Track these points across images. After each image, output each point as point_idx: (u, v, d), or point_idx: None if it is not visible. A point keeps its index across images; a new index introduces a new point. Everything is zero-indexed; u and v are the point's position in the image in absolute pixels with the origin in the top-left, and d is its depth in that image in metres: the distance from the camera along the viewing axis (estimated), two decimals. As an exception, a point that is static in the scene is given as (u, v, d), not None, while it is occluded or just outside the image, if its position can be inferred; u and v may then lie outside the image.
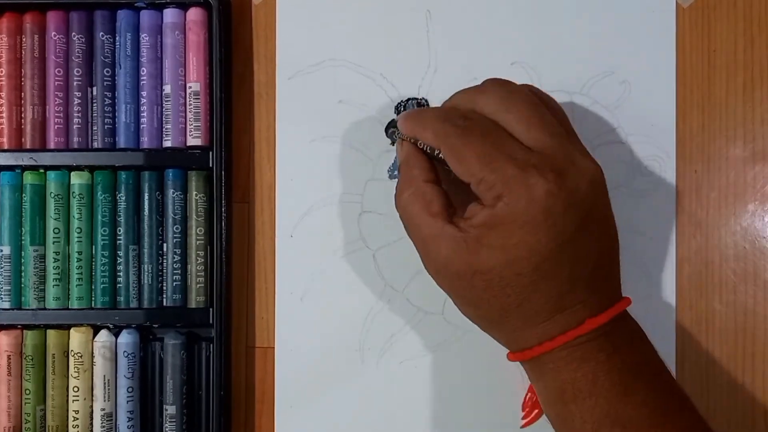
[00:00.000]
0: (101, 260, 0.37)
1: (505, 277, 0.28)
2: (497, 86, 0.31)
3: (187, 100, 0.37)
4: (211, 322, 0.37)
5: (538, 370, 0.30)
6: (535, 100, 0.30)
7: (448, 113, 0.30)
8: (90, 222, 0.37)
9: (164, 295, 0.37)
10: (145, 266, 0.37)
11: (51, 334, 0.37)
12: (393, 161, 0.38)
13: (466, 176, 0.28)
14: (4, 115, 0.37)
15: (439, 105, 0.38)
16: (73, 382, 0.37)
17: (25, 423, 0.37)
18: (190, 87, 0.37)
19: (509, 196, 0.27)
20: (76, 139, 0.37)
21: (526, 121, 0.29)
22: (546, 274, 0.28)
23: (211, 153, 0.37)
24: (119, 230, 0.37)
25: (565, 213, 0.27)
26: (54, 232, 0.37)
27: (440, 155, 0.30)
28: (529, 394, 0.36)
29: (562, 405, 0.29)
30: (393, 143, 0.37)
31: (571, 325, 0.28)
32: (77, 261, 0.37)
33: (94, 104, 0.38)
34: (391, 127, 0.35)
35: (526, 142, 0.29)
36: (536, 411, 0.35)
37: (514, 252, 0.27)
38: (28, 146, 0.37)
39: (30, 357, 0.37)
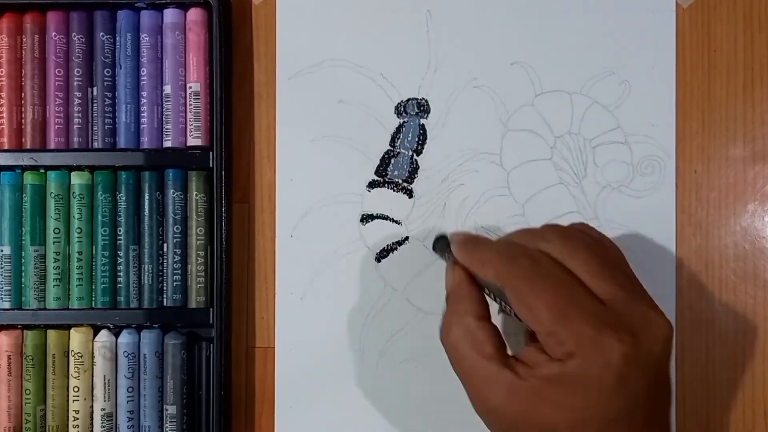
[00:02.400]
0: (101, 260, 0.37)
1: None
2: (557, 232, 0.30)
3: (187, 100, 0.37)
4: (211, 322, 0.37)
5: None
6: (598, 247, 0.29)
7: (514, 251, 0.28)
8: (90, 222, 0.37)
9: (164, 295, 0.37)
10: (146, 266, 0.37)
11: (51, 334, 0.37)
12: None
13: (534, 325, 0.27)
14: (4, 115, 0.37)
15: (438, 105, 0.38)
16: (73, 382, 0.37)
17: (26, 423, 0.37)
18: (190, 87, 0.37)
19: (582, 357, 0.26)
20: (76, 139, 0.37)
21: (594, 269, 0.27)
22: None
23: (211, 153, 0.37)
24: (119, 230, 0.37)
25: (639, 377, 0.26)
26: (54, 232, 0.37)
27: (493, 294, 0.28)
28: None
29: None
30: (441, 257, 0.34)
31: None
32: (77, 261, 0.37)
33: (95, 104, 0.38)
34: (441, 245, 0.33)
35: (596, 292, 0.27)
36: None
37: (581, 413, 0.26)
38: (28, 146, 0.37)
39: (30, 357, 0.37)
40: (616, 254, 0.30)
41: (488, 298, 0.30)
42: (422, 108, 0.38)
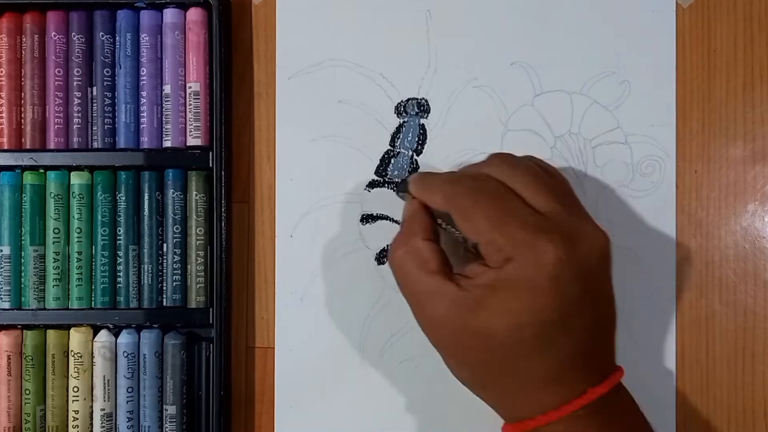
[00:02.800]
0: (101, 260, 0.37)
1: (506, 341, 0.27)
2: (502, 157, 0.31)
3: (187, 100, 0.37)
4: (211, 322, 0.37)
5: None
6: (539, 169, 0.30)
7: (458, 176, 0.31)
8: (90, 222, 0.37)
9: (164, 295, 0.37)
10: (145, 266, 0.37)
11: (51, 334, 0.37)
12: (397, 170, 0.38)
13: (474, 236, 0.28)
14: (4, 115, 0.37)
15: (438, 105, 0.38)
16: (73, 382, 0.37)
17: (25, 423, 0.37)
18: (190, 87, 0.37)
19: (518, 260, 0.27)
20: (76, 139, 0.37)
21: (534, 187, 0.29)
22: (548, 342, 0.27)
23: (211, 153, 0.37)
24: (119, 230, 0.37)
25: (572, 282, 0.27)
26: (54, 232, 0.37)
27: (444, 223, 0.29)
28: None
29: None
30: (402, 197, 0.35)
31: (572, 395, 0.28)
32: (77, 261, 0.37)
33: (94, 104, 0.38)
34: (402, 186, 0.34)
35: (536, 207, 0.28)
36: None
37: (517, 317, 0.27)
38: (28, 146, 0.37)
39: (30, 357, 0.37)
40: (559, 178, 0.31)
41: (439, 229, 0.31)
42: (422, 108, 0.38)
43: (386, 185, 0.38)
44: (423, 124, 0.38)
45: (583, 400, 0.28)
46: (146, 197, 0.37)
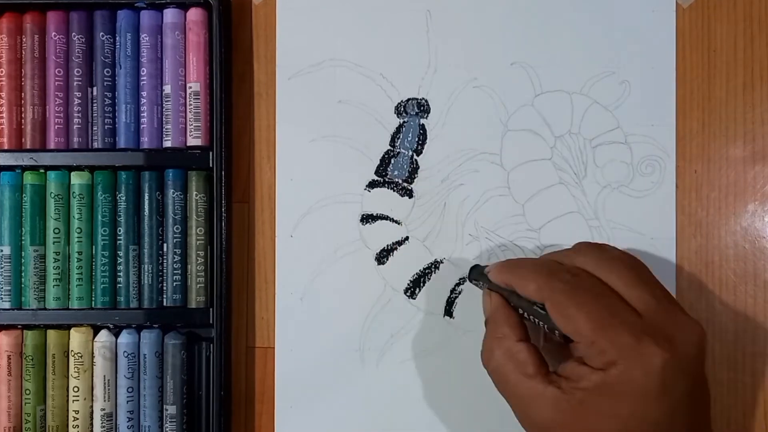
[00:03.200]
0: (101, 260, 0.37)
1: None
2: (592, 247, 0.31)
3: (187, 100, 0.37)
4: (211, 322, 0.37)
5: None
6: (630, 260, 0.30)
7: (553, 267, 0.30)
8: (90, 222, 0.37)
9: (164, 295, 0.37)
10: (145, 266, 0.37)
11: (51, 334, 0.37)
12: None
13: (575, 336, 0.28)
14: (4, 115, 0.37)
15: (438, 105, 0.38)
16: (73, 382, 0.37)
17: (26, 423, 0.37)
18: (190, 87, 0.37)
19: (624, 365, 0.26)
20: (76, 139, 0.37)
21: (627, 281, 0.28)
22: None
23: (211, 153, 0.37)
24: (119, 230, 0.37)
25: (678, 380, 0.27)
26: (54, 232, 0.37)
27: (530, 315, 0.29)
28: None
29: None
30: (477, 285, 0.35)
31: None
32: (77, 261, 0.37)
33: (94, 104, 0.38)
34: (475, 273, 0.34)
35: (631, 303, 0.28)
36: None
37: (625, 422, 0.27)
38: (28, 146, 0.37)
39: (30, 357, 0.37)
40: (644, 267, 0.31)
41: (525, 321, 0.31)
42: (422, 108, 0.38)
43: (386, 185, 0.38)
44: (423, 124, 0.38)
45: None
46: (146, 197, 0.37)
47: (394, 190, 0.38)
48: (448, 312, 0.38)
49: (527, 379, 0.28)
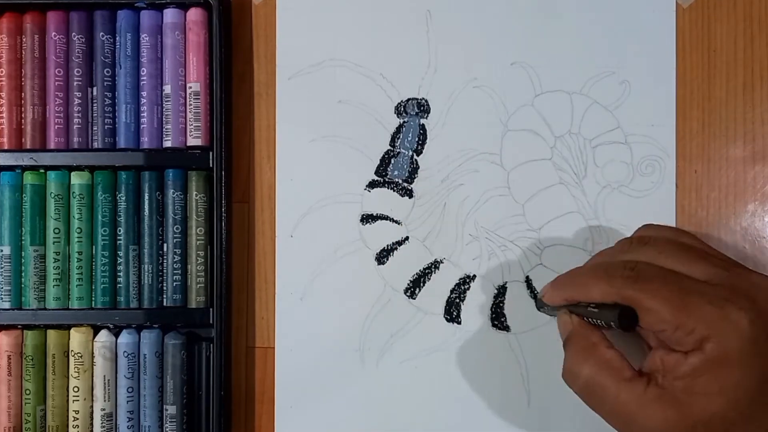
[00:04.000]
0: (101, 260, 0.37)
1: (728, 418, 0.26)
2: (632, 240, 0.30)
3: (187, 100, 0.37)
4: (211, 322, 0.37)
5: None
6: (678, 236, 0.29)
7: (607, 267, 0.29)
8: (90, 222, 0.37)
9: (164, 295, 0.37)
10: (145, 266, 0.37)
11: (51, 334, 0.37)
12: None
13: (657, 325, 0.27)
14: (4, 115, 0.37)
15: (438, 105, 0.38)
16: (73, 383, 0.37)
17: (26, 423, 0.37)
18: (190, 87, 0.37)
19: (715, 336, 0.26)
20: (76, 139, 0.37)
21: (686, 260, 0.28)
22: (764, 404, 0.26)
23: (211, 153, 0.37)
24: (119, 230, 0.37)
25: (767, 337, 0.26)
26: (54, 232, 0.37)
27: (586, 314, 0.29)
28: None
29: None
30: (545, 312, 0.35)
31: None
32: (77, 261, 0.37)
33: (94, 104, 0.38)
34: (539, 303, 0.34)
35: (700, 278, 0.28)
36: None
37: (735, 392, 0.26)
38: (28, 146, 0.37)
39: (30, 357, 0.37)
40: (694, 238, 0.30)
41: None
42: (422, 108, 0.38)
43: (386, 185, 0.38)
44: (423, 124, 0.38)
45: None
46: (146, 197, 0.37)
47: (394, 190, 0.38)
48: (448, 312, 0.38)
49: (627, 384, 0.27)
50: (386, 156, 0.38)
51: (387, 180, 0.38)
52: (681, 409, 0.26)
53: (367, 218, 0.38)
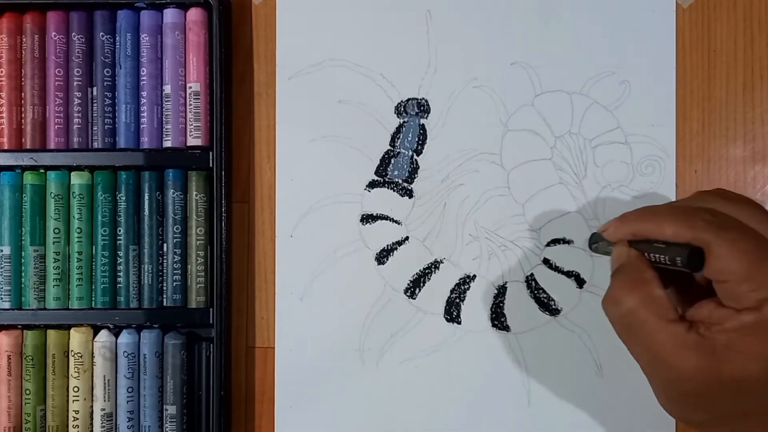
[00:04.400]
0: (101, 260, 0.37)
1: (761, 382, 0.26)
2: (713, 192, 0.30)
3: (187, 100, 0.37)
4: (211, 322, 0.37)
5: None
6: (752, 202, 0.29)
7: (688, 210, 0.28)
8: (90, 222, 0.37)
9: (164, 295, 0.37)
10: (145, 266, 0.37)
11: (51, 334, 0.37)
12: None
13: (723, 274, 0.26)
14: (4, 115, 0.37)
15: (438, 105, 0.38)
16: (73, 382, 0.37)
17: (26, 423, 0.37)
18: (190, 87, 0.37)
19: None
20: (76, 139, 0.37)
21: (762, 220, 0.27)
22: None
23: (211, 153, 0.37)
24: (119, 230, 0.37)
25: None
26: (54, 232, 0.37)
27: (651, 249, 0.28)
28: None
29: None
30: (598, 250, 0.33)
31: None
32: (77, 261, 0.37)
33: (94, 104, 0.38)
34: (595, 238, 0.32)
35: None
36: None
37: None
38: (28, 146, 0.37)
39: (30, 357, 0.37)
40: (759, 205, 0.30)
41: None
42: (422, 108, 0.38)
43: (386, 185, 0.38)
44: (423, 124, 0.38)
45: None
46: (146, 197, 0.37)
47: (394, 190, 0.38)
48: (448, 312, 0.38)
49: (669, 324, 0.27)
50: (386, 156, 0.38)
51: (387, 180, 0.38)
52: (716, 362, 0.26)
53: (367, 218, 0.38)
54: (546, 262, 0.38)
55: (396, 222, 0.38)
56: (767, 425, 0.27)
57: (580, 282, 0.37)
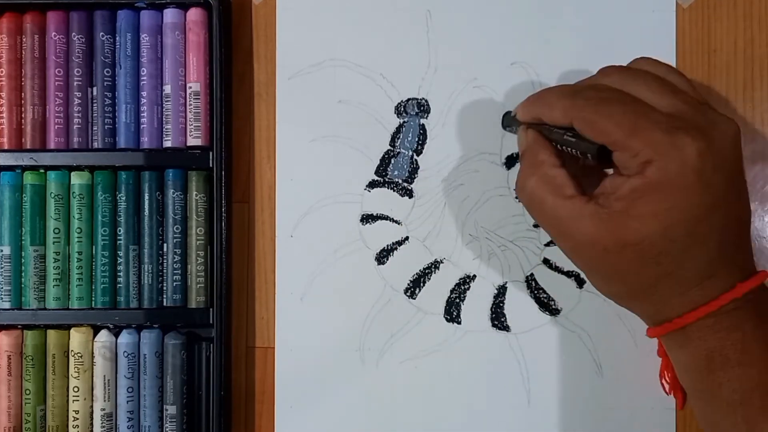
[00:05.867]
0: (101, 260, 0.37)
1: (658, 244, 0.27)
2: (615, 67, 0.31)
3: (187, 100, 0.37)
4: (211, 322, 0.37)
5: (681, 340, 0.29)
6: (656, 74, 0.29)
7: (575, 88, 0.30)
8: (90, 222, 0.37)
9: (164, 295, 0.37)
10: (145, 266, 0.37)
11: (51, 334, 0.37)
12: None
13: (609, 146, 0.27)
14: (4, 115, 0.37)
15: (438, 105, 0.38)
16: (73, 382, 0.37)
17: (26, 423, 0.37)
18: (190, 87, 0.37)
19: (660, 160, 0.26)
20: (76, 139, 0.37)
21: (655, 90, 0.28)
22: (699, 238, 0.27)
23: (211, 153, 0.37)
24: (119, 230, 0.37)
25: (715, 173, 0.27)
26: (54, 232, 0.37)
27: (563, 146, 0.29)
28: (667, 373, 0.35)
29: (708, 373, 0.28)
30: (511, 131, 0.35)
31: (723, 289, 0.27)
32: (77, 261, 0.37)
33: (94, 104, 0.38)
34: (507, 119, 0.34)
35: (662, 109, 0.28)
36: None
37: (668, 217, 0.26)
38: (28, 146, 0.37)
39: (30, 357, 0.37)
40: (678, 76, 0.30)
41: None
42: (422, 108, 0.38)
43: (386, 185, 0.38)
44: (423, 124, 0.38)
45: (733, 293, 0.27)
46: (146, 197, 0.37)
47: (394, 190, 0.38)
48: (448, 312, 0.38)
49: (566, 200, 0.28)
50: (386, 156, 0.38)
51: (387, 180, 0.38)
52: (614, 228, 0.27)
53: (367, 218, 0.38)
54: (546, 262, 0.38)
55: (396, 222, 0.38)
56: (681, 287, 0.28)
57: (580, 282, 0.37)
